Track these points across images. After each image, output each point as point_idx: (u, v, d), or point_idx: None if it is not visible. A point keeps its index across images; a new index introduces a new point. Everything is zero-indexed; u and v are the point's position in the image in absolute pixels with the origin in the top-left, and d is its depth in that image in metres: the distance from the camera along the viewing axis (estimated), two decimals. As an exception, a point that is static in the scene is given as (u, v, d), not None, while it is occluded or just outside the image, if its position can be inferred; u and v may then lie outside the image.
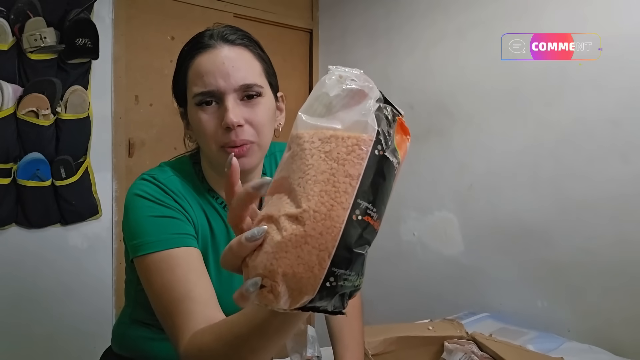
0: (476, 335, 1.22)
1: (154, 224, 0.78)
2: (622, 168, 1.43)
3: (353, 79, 0.44)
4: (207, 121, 0.80)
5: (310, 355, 0.89)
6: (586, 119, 1.51)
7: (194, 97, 0.80)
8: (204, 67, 0.80)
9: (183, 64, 0.84)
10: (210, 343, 0.65)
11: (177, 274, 0.74)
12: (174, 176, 0.85)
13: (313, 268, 0.40)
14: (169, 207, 0.80)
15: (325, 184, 0.41)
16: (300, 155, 0.43)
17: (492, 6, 1.77)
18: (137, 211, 0.80)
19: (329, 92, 0.44)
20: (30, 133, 1.70)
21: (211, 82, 0.79)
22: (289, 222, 0.40)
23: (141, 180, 0.83)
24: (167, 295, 0.73)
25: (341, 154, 0.42)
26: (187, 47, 0.84)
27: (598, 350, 1.39)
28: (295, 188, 0.42)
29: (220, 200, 0.88)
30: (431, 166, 2.00)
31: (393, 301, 2.15)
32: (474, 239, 1.84)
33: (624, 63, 1.43)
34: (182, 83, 0.84)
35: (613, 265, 1.45)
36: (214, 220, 0.86)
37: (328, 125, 0.43)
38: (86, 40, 1.77)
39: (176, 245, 0.77)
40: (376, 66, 2.25)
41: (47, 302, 1.84)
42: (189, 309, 0.71)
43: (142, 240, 0.78)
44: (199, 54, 0.81)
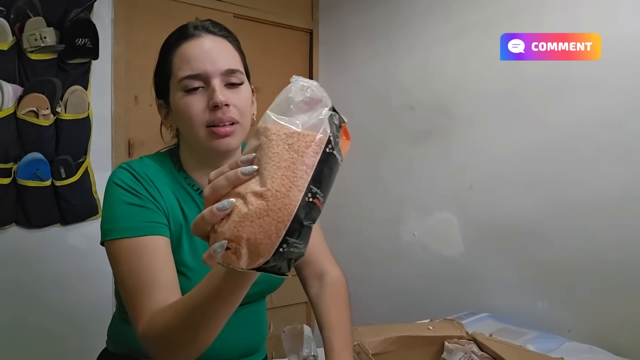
0: (476, 335, 1.22)
1: (126, 211, 0.83)
2: (622, 169, 1.43)
3: (313, 89, 0.56)
4: (193, 103, 0.85)
5: (306, 355, 0.89)
6: (586, 120, 1.51)
7: (181, 81, 0.85)
8: (191, 53, 0.85)
9: (168, 54, 0.88)
10: (167, 319, 0.71)
11: (144, 261, 0.79)
12: (150, 166, 0.90)
13: (271, 236, 0.49)
14: (141, 196, 0.85)
15: (287, 170, 0.51)
16: (267, 145, 0.52)
17: (492, 6, 1.77)
18: (111, 198, 0.85)
19: (294, 97, 0.55)
20: (30, 133, 1.70)
21: (198, 67, 0.84)
22: (254, 198, 0.50)
23: (119, 169, 0.89)
24: (132, 280, 0.78)
25: (301, 147, 0.52)
26: (170, 39, 0.89)
27: (598, 351, 1.39)
28: (261, 171, 0.52)
29: (196, 187, 0.92)
30: (431, 167, 2.00)
31: (393, 301, 2.15)
32: (474, 239, 1.84)
33: (624, 64, 1.43)
34: (165, 72, 0.88)
35: (613, 266, 1.45)
36: (187, 207, 0.90)
37: (292, 123, 0.54)
38: (86, 40, 1.77)
39: (145, 233, 0.82)
40: (376, 66, 2.25)
41: (47, 302, 1.84)
42: (151, 293, 0.77)
43: (113, 225, 0.83)
44: (184, 42, 0.87)
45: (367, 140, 2.30)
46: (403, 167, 2.12)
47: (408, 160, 2.09)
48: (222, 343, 0.89)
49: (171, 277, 0.81)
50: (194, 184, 0.93)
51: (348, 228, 2.41)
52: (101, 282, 1.95)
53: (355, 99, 2.37)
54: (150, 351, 0.75)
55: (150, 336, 0.74)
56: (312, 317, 2.60)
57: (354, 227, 2.37)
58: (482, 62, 1.80)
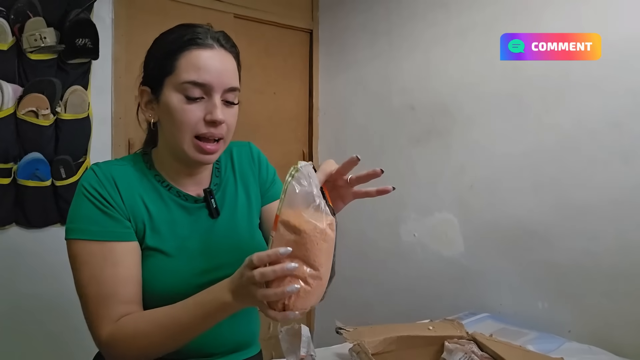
0: (476, 335, 1.22)
1: (90, 214, 0.87)
2: (623, 170, 1.43)
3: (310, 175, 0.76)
4: (191, 112, 0.88)
5: (304, 354, 0.90)
6: (587, 121, 1.51)
7: (183, 84, 0.87)
8: (203, 61, 0.87)
9: (175, 51, 0.89)
10: (148, 329, 0.82)
11: (106, 271, 0.85)
12: (120, 166, 0.94)
13: (319, 298, 0.77)
14: (104, 201, 0.89)
15: (327, 255, 0.76)
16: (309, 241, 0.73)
17: (492, 6, 1.76)
18: (78, 198, 0.90)
19: (312, 191, 0.74)
20: (30, 133, 1.70)
21: (205, 77, 0.87)
22: (312, 280, 0.73)
23: (88, 170, 0.93)
24: (94, 288, 0.85)
25: (328, 240, 0.75)
26: (182, 38, 0.89)
27: (598, 351, 1.39)
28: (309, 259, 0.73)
29: (166, 183, 0.97)
30: (431, 167, 2.00)
31: (393, 301, 2.15)
32: (474, 240, 1.84)
33: (626, 65, 1.42)
34: (166, 67, 0.89)
35: (614, 267, 1.45)
36: (153, 203, 0.94)
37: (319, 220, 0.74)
38: (86, 41, 1.77)
39: (108, 239, 0.87)
40: (376, 67, 2.25)
41: (47, 302, 1.84)
42: (113, 305, 0.84)
43: (77, 225, 0.87)
44: (196, 48, 0.88)
45: (367, 141, 2.30)
46: (403, 167, 2.12)
47: (408, 160, 2.09)
48: (211, 337, 0.90)
49: (130, 291, 0.87)
50: (164, 180, 0.97)
51: (348, 228, 2.40)
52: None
53: (355, 99, 2.37)
54: (111, 354, 0.86)
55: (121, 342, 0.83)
56: (311, 316, 2.60)
57: (354, 227, 2.37)
58: (482, 62, 1.79)
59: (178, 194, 0.97)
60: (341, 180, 0.86)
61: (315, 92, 2.58)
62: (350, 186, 0.87)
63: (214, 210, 0.99)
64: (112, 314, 0.85)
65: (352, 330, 1.15)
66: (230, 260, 0.95)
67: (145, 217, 0.92)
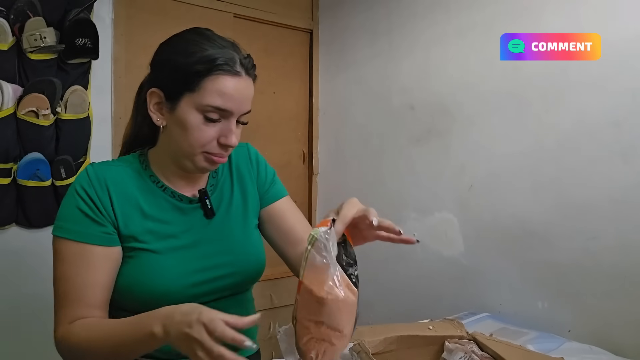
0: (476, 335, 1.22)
1: (75, 215, 0.90)
2: (623, 170, 1.43)
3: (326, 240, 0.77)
4: (206, 131, 0.90)
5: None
6: (587, 120, 1.51)
7: (207, 106, 0.88)
8: (229, 89, 0.89)
9: (203, 71, 0.88)
10: (91, 337, 0.83)
11: (77, 273, 0.88)
12: (114, 167, 0.96)
13: (344, 348, 0.82)
14: (91, 205, 0.90)
15: (349, 318, 0.79)
16: (331, 310, 0.76)
17: (492, 6, 1.76)
18: (68, 197, 0.92)
19: (331, 262, 0.76)
20: (30, 133, 1.70)
21: (228, 104, 0.89)
22: (337, 339, 0.78)
23: (83, 171, 0.94)
24: (63, 285, 0.90)
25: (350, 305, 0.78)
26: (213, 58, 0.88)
27: (598, 351, 1.39)
28: (334, 325, 0.77)
29: (161, 184, 0.98)
30: (431, 167, 2.00)
31: (393, 301, 2.15)
32: (474, 239, 1.84)
33: (626, 64, 1.42)
34: (190, 82, 0.88)
35: (614, 266, 1.45)
36: (147, 203, 0.95)
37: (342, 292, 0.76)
38: (86, 40, 1.77)
39: (86, 241, 0.89)
40: (376, 66, 2.25)
41: (47, 302, 1.83)
42: (74, 306, 0.88)
43: (62, 223, 0.91)
44: (225, 74, 0.89)
45: (367, 140, 2.30)
46: (403, 167, 2.12)
47: (408, 160, 2.09)
48: None
49: (96, 296, 0.89)
50: (159, 181, 0.98)
51: (348, 228, 2.41)
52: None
53: (355, 99, 2.37)
54: (62, 354, 0.90)
55: (68, 344, 0.86)
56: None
57: (354, 227, 2.37)
58: (482, 62, 1.79)
59: (173, 194, 0.98)
60: (364, 224, 0.86)
61: (315, 92, 2.58)
62: (374, 230, 0.87)
63: (209, 211, 0.99)
64: (72, 315, 0.88)
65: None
66: (224, 260, 0.98)
67: (138, 217, 0.94)
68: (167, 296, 0.91)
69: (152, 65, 0.96)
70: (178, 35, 0.95)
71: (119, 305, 0.96)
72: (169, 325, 0.74)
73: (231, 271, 1.00)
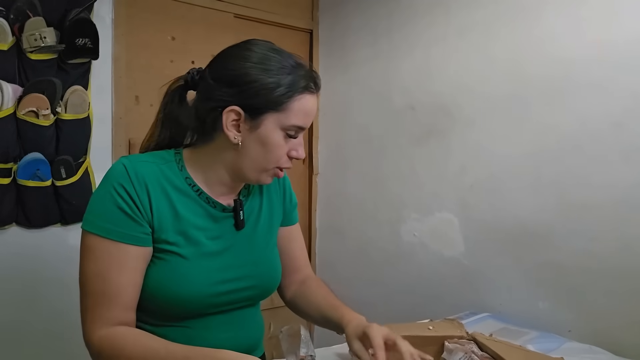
0: (476, 335, 1.22)
1: (111, 212, 0.87)
2: (624, 170, 1.43)
3: None
4: (283, 148, 0.92)
5: (304, 355, 0.91)
6: (588, 121, 1.51)
7: (291, 126, 0.90)
8: (310, 108, 0.93)
9: (291, 92, 0.89)
10: (132, 352, 0.82)
11: (112, 272, 0.86)
12: (149, 163, 0.93)
13: None
14: (130, 203, 0.87)
15: None
16: None
17: (492, 6, 1.76)
18: (103, 191, 0.89)
19: None
20: (30, 133, 1.70)
21: (307, 122, 0.92)
22: None
23: (119, 164, 0.90)
24: (98, 285, 0.87)
25: None
26: (299, 80, 0.91)
27: (598, 351, 1.39)
28: None
29: (197, 187, 0.95)
30: (432, 167, 2.00)
31: (393, 301, 2.15)
32: (474, 240, 1.84)
33: (627, 65, 1.42)
34: (276, 103, 0.88)
35: (614, 266, 1.44)
36: (181, 204, 0.93)
37: None
38: (86, 40, 1.77)
39: (122, 240, 0.86)
40: (377, 66, 2.25)
41: (47, 302, 1.84)
42: (111, 307, 0.86)
43: (96, 219, 0.87)
44: (307, 93, 0.92)
45: (367, 140, 2.29)
46: (404, 167, 2.11)
47: (409, 160, 2.09)
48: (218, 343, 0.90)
49: (132, 297, 0.88)
50: (195, 184, 0.95)
51: (348, 228, 2.41)
52: (101, 282, 1.95)
53: (355, 99, 2.37)
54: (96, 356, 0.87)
55: (111, 348, 0.84)
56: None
57: (354, 227, 2.37)
58: (483, 62, 1.79)
59: (208, 200, 0.96)
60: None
61: (315, 92, 2.58)
62: None
63: (240, 222, 0.99)
64: (110, 316, 0.86)
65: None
66: (247, 272, 0.99)
67: (172, 218, 0.92)
68: (189, 302, 0.91)
69: (224, 81, 0.90)
70: (249, 50, 0.92)
71: None
72: None
73: (251, 284, 1.00)
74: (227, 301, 0.97)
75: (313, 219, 2.60)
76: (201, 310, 0.94)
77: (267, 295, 1.05)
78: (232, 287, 0.96)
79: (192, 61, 2.19)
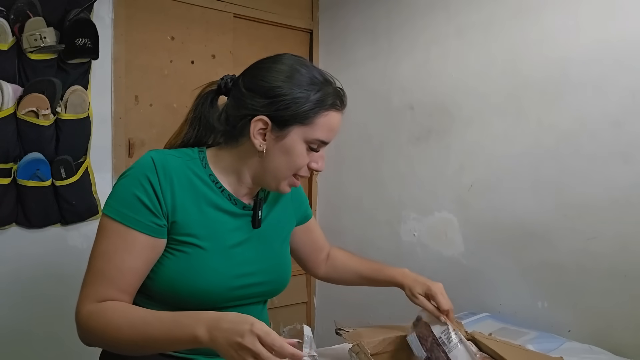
0: (475, 334, 1.22)
1: (130, 200, 0.90)
2: (623, 170, 1.43)
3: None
4: (305, 158, 0.96)
5: (306, 354, 0.91)
6: (587, 120, 1.51)
7: (315, 140, 0.95)
8: (335, 125, 0.98)
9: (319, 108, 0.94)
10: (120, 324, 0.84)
11: (117, 254, 0.89)
12: (176, 157, 0.96)
13: None
14: (150, 194, 0.91)
15: None
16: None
17: (492, 6, 1.76)
18: (127, 179, 0.92)
19: None
20: (30, 133, 1.70)
21: (330, 138, 0.97)
22: None
23: (148, 157, 0.94)
24: (100, 263, 0.89)
25: None
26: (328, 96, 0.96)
27: (598, 351, 1.39)
28: None
29: (220, 184, 0.99)
30: (431, 167, 2.00)
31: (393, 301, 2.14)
32: (474, 239, 1.84)
33: (626, 64, 1.42)
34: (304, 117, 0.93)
35: (614, 266, 1.45)
36: (206, 199, 0.97)
37: None
38: (86, 40, 1.77)
39: (133, 227, 0.89)
40: (376, 66, 2.25)
41: (47, 302, 1.84)
42: (107, 286, 0.88)
43: (114, 203, 0.91)
44: (334, 110, 0.97)
45: (367, 140, 2.30)
46: (403, 167, 2.12)
47: (408, 160, 2.09)
48: None
49: (130, 281, 0.90)
50: (217, 181, 0.99)
51: (348, 228, 2.41)
52: (101, 282, 1.95)
53: (355, 99, 2.37)
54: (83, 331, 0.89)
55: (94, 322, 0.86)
56: (311, 317, 2.60)
57: (354, 227, 2.37)
58: (482, 62, 1.80)
59: (229, 197, 1.00)
60: None
61: (315, 92, 2.58)
62: None
63: (257, 221, 1.04)
64: (103, 293, 0.88)
65: (351, 331, 1.16)
66: (261, 268, 1.03)
67: (196, 212, 0.95)
68: (206, 294, 0.94)
69: (257, 92, 0.95)
70: (283, 63, 0.96)
71: (148, 294, 0.96)
72: (215, 331, 0.76)
73: (265, 280, 1.04)
74: (241, 295, 1.00)
75: (313, 219, 2.61)
76: (216, 303, 0.96)
77: (277, 292, 1.10)
78: (248, 281, 1.00)
79: (191, 61, 2.19)
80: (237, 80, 1.00)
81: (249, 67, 1.00)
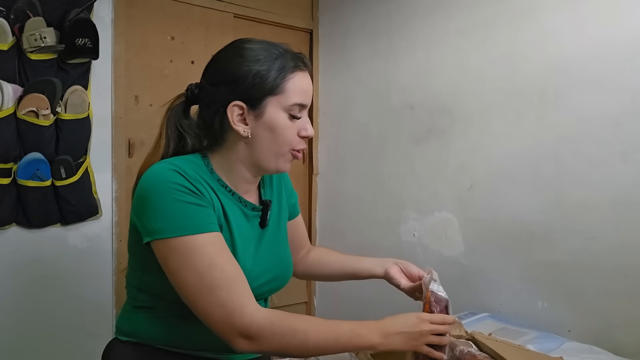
0: (475, 334, 1.22)
1: (186, 210, 0.87)
2: (623, 169, 1.43)
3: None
4: (292, 129, 0.95)
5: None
6: (587, 119, 1.51)
7: (292, 105, 0.94)
8: (305, 85, 0.96)
9: (284, 73, 0.94)
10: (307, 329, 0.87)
11: (224, 256, 0.87)
12: (190, 163, 0.95)
13: None
14: (198, 194, 0.90)
15: None
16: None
17: (492, 6, 1.76)
18: (164, 197, 0.87)
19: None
20: (30, 133, 1.70)
21: (307, 99, 0.96)
22: None
23: (166, 171, 0.90)
24: (217, 274, 0.84)
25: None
26: (288, 60, 0.95)
27: (598, 351, 1.39)
28: None
29: (229, 189, 0.99)
30: (431, 167, 2.00)
31: (393, 301, 2.14)
32: (474, 239, 1.84)
33: (626, 63, 1.42)
34: (273, 87, 0.93)
35: (614, 266, 1.45)
36: (226, 204, 0.97)
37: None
38: (86, 40, 1.77)
39: (213, 230, 0.89)
40: (376, 66, 2.25)
41: (47, 302, 1.84)
42: (244, 285, 0.86)
43: (173, 224, 0.86)
44: (299, 71, 0.95)
45: (367, 140, 2.30)
46: (403, 167, 2.12)
47: (408, 159, 2.09)
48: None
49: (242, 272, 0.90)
50: (226, 185, 0.99)
51: (348, 228, 2.41)
52: (100, 282, 1.95)
53: (355, 99, 2.37)
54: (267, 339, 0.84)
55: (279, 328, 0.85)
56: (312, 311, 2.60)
57: (354, 227, 2.37)
58: (482, 62, 1.79)
59: (240, 199, 1.00)
60: None
61: (315, 92, 2.58)
62: None
63: (265, 221, 1.04)
64: (247, 293, 0.86)
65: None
66: (270, 267, 1.04)
67: (220, 210, 0.95)
68: None
69: (221, 82, 0.95)
70: (236, 47, 0.97)
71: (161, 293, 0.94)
72: (391, 337, 0.95)
73: (272, 277, 1.05)
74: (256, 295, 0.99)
75: (313, 219, 2.61)
76: None
77: (280, 288, 1.10)
78: (262, 280, 1.01)
79: (191, 61, 2.20)
80: (201, 84, 1.00)
81: (205, 67, 1.00)
